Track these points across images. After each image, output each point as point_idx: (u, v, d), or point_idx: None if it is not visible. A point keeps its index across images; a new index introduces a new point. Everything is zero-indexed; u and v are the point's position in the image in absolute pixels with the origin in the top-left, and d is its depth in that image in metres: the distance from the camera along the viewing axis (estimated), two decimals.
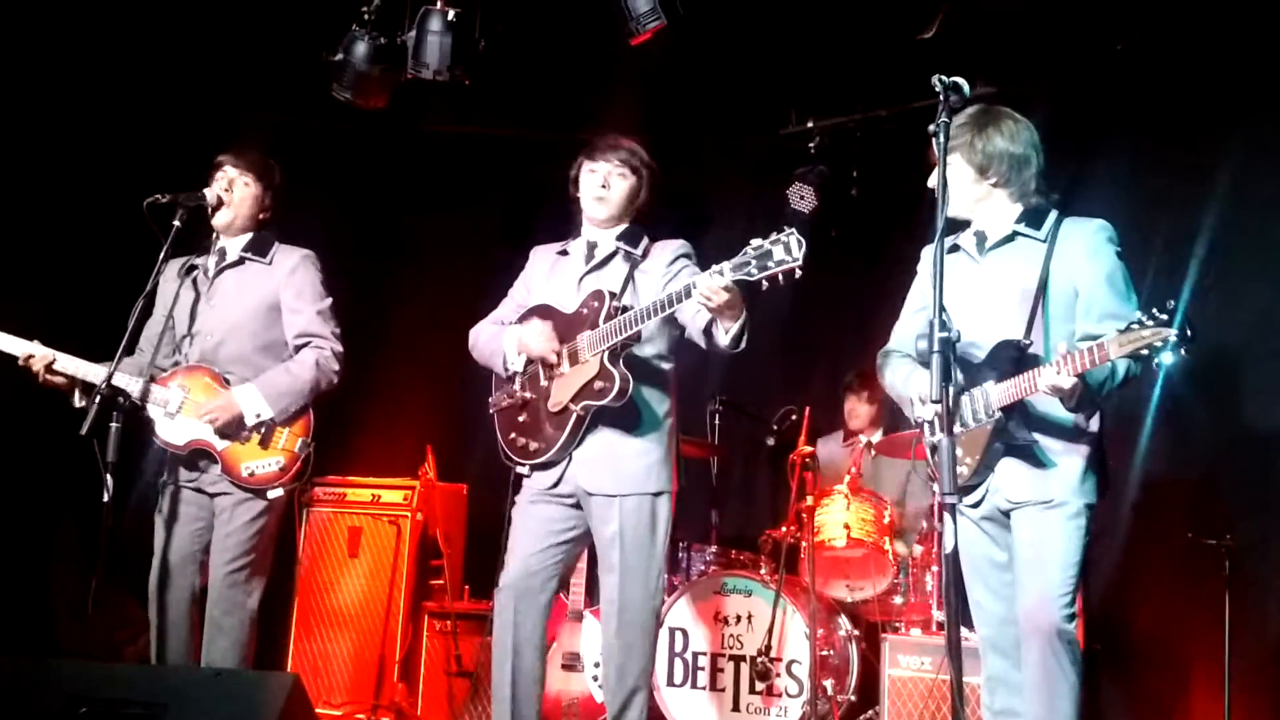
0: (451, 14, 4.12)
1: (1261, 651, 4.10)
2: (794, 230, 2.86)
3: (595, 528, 3.30)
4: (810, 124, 5.33)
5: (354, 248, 5.20)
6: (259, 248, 3.70)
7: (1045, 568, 2.82)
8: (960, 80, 2.50)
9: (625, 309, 3.20)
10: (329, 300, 3.72)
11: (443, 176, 5.75)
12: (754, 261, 2.89)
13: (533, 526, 3.34)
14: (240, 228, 3.70)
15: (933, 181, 2.75)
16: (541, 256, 3.57)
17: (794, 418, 4.63)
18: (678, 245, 3.45)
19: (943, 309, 2.50)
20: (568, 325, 3.32)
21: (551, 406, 3.29)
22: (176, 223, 3.49)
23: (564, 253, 3.52)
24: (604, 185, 3.40)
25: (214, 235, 3.73)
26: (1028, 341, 2.88)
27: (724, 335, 3.11)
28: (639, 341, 3.24)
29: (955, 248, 3.11)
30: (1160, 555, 4.41)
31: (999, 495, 2.92)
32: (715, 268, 2.97)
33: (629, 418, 3.28)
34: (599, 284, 3.35)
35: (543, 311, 3.41)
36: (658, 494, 3.30)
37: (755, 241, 2.91)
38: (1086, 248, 2.91)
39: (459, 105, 4.68)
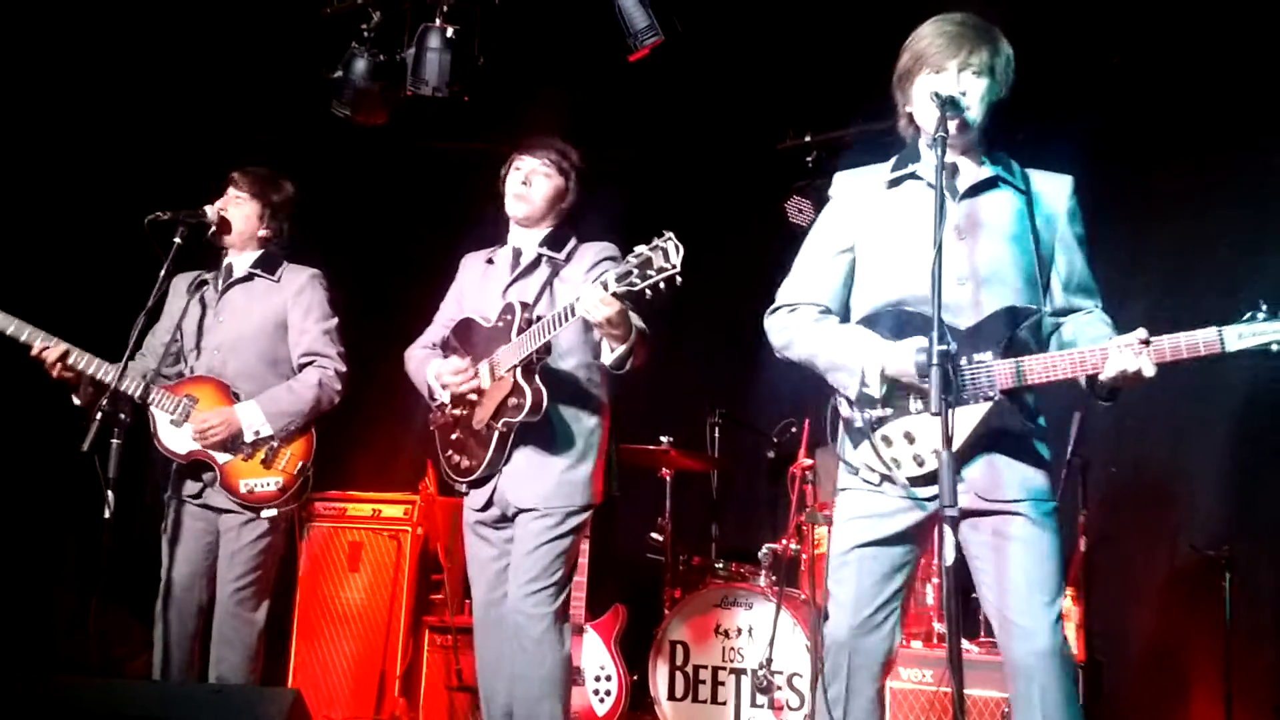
0: (450, 31, 4.15)
1: (1262, 662, 4.11)
2: (672, 234, 2.68)
3: (516, 538, 3.19)
4: (807, 138, 5.36)
5: (357, 263, 5.21)
6: (267, 265, 3.73)
7: (1035, 572, 2.46)
8: (957, 95, 2.49)
9: (539, 319, 3.06)
10: (335, 320, 3.74)
11: (445, 192, 5.77)
12: (636, 270, 2.70)
13: (476, 569, 3.31)
14: (243, 245, 3.73)
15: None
16: (471, 265, 3.45)
17: (793, 430, 4.63)
18: (600, 249, 3.25)
19: (942, 322, 2.26)
20: (488, 340, 3.20)
21: (476, 425, 3.19)
22: (177, 240, 3.51)
23: (490, 261, 3.39)
24: (525, 182, 3.26)
25: (224, 253, 3.76)
26: (1045, 310, 2.54)
27: (608, 354, 2.92)
28: (549, 354, 3.10)
29: (908, 176, 2.62)
30: (1160, 566, 4.42)
31: (969, 494, 2.47)
32: (599, 278, 2.79)
33: (555, 433, 3.16)
34: (520, 294, 3.22)
35: (465, 328, 3.30)
36: (581, 509, 3.19)
37: (638, 248, 2.72)
38: (1067, 209, 2.59)
39: (463, 122, 4.70)
